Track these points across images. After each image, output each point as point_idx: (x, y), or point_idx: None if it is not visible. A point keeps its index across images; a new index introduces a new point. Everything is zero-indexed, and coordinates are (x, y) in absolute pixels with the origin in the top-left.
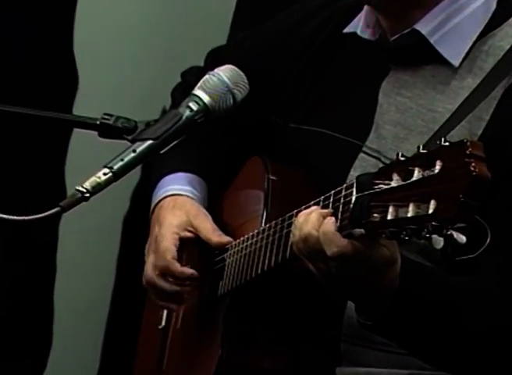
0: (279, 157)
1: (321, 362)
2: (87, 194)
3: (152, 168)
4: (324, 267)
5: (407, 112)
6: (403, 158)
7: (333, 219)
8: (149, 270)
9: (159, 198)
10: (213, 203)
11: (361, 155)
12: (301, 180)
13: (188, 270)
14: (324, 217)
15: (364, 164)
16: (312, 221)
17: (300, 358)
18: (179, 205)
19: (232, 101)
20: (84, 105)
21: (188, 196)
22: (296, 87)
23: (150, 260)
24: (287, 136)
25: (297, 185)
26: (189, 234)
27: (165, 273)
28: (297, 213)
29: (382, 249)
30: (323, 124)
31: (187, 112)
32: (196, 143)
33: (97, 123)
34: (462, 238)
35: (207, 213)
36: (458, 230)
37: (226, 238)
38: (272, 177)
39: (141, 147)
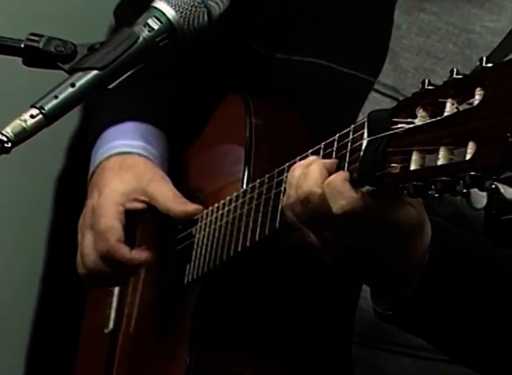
0: (263, 96)
1: (325, 370)
2: (8, 144)
3: (91, 114)
4: (329, 236)
5: (434, 34)
6: (430, 88)
7: (342, 172)
8: (88, 253)
9: (100, 159)
10: (176, 162)
11: (373, 94)
12: (293, 125)
13: (139, 255)
14: (328, 170)
15: (376, 106)
16: (313, 176)
17: (296, 365)
18: (128, 166)
19: (206, 17)
20: (2, 22)
21: (141, 155)
22: (282, 4)
23: (87, 240)
24: (273, 70)
25: (289, 131)
26: (138, 205)
27: (107, 258)
28: (290, 167)
29: (406, 208)
30: (319, 53)
31: (145, 32)
32: (152, 81)
33: (22, 45)
34: (511, 193)
35: (165, 177)
36: (506, 181)
37: (193, 206)
38: (255, 121)
39: (82, 80)
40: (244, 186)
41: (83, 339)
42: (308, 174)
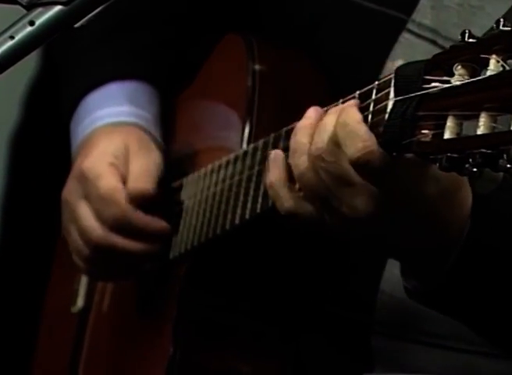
0: (269, 36)
1: (337, 365)
2: None
3: (61, 75)
4: (346, 209)
5: None
6: (472, 40)
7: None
8: (91, 226)
9: (84, 134)
10: (169, 111)
11: (405, 35)
12: (305, 73)
13: (158, 221)
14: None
15: (408, 51)
16: (328, 128)
17: (302, 359)
18: (119, 130)
19: None
20: None
21: (136, 124)
22: None
23: (83, 212)
24: (282, 4)
25: (300, 82)
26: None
27: (121, 226)
28: (287, 134)
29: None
30: None
31: None
32: (129, 25)
33: None
34: None
35: (151, 148)
36: None
37: (141, 185)
38: (259, 67)
39: (43, 17)
40: (245, 145)
41: (46, 321)
42: (320, 128)
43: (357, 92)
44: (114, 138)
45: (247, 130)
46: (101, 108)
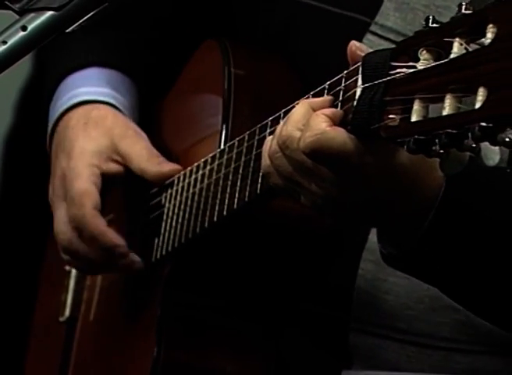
0: (244, 40)
1: (317, 361)
2: None
3: (46, 62)
4: (317, 189)
5: None
6: (434, 25)
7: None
8: (62, 230)
9: (61, 111)
10: (146, 116)
11: (369, 36)
12: (279, 75)
13: (113, 235)
14: (315, 110)
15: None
16: (294, 117)
17: (283, 356)
18: (95, 119)
19: None
20: None
21: (109, 103)
22: None
23: (60, 214)
24: (256, 12)
25: (274, 83)
26: (114, 167)
27: (81, 229)
28: (273, 122)
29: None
30: None
31: None
32: (115, 23)
33: None
34: None
35: (139, 131)
36: None
37: (169, 166)
38: (234, 70)
39: (35, 22)
40: (222, 145)
41: (35, 330)
42: (290, 116)
43: (327, 82)
44: (92, 133)
45: (223, 133)
46: (80, 87)
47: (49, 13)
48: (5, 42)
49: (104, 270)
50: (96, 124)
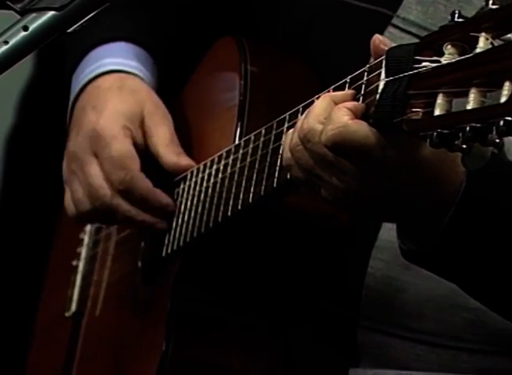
0: (261, 37)
1: (325, 359)
2: None
3: (68, 39)
4: (338, 183)
5: None
6: (460, 20)
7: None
8: (99, 185)
9: (87, 79)
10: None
11: (390, 29)
12: (296, 71)
13: (163, 196)
14: (337, 104)
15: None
16: (315, 111)
17: (292, 353)
18: (131, 87)
19: None
20: None
21: (139, 77)
22: None
23: (92, 169)
24: (275, 7)
25: (291, 81)
26: (141, 137)
27: (129, 191)
28: (291, 117)
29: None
30: None
31: None
32: (140, 11)
33: None
34: None
35: (167, 113)
36: None
37: (187, 160)
38: (250, 68)
39: (37, 22)
40: (237, 140)
41: (40, 325)
42: (311, 109)
43: (349, 76)
44: (125, 98)
45: (238, 130)
46: (109, 57)
47: (50, 13)
48: (6, 42)
49: (132, 225)
50: (131, 91)
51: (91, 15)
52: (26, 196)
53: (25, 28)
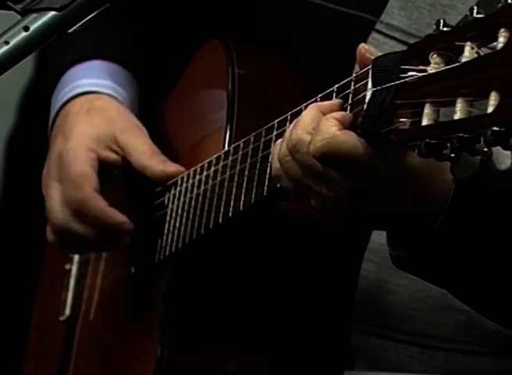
0: (247, 40)
1: (319, 362)
2: None
3: (48, 56)
4: (327, 192)
5: None
6: (446, 29)
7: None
8: (56, 210)
9: (62, 101)
10: (146, 116)
11: (374, 35)
12: (284, 75)
13: (117, 214)
14: (325, 114)
15: (377, 50)
16: (303, 121)
17: (286, 357)
18: (98, 109)
19: None
20: None
21: (111, 95)
22: None
23: (54, 193)
24: (259, 11)
25: (278, 83)
26: (112, 156)
27: (81, 212)
28: (280, 124)
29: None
30: None
31: None
32: (119, 19)
33: None
34: None
35: (141, 126)
36: None
37: (173, 166)
38: (238, 71)
39: (37, 22)
40: (226, 146)
41: (34, 329)
42: (299, 120)
43: (336, 86)
44: (93, 120)
45: (227, 133)
46: (82, 78)
47: (51, 14)
48: (7, 42)
49: (97, 249)
50: (99, 112)
51: (92, 15)
52: (25, 197)
53: (26, 28)
